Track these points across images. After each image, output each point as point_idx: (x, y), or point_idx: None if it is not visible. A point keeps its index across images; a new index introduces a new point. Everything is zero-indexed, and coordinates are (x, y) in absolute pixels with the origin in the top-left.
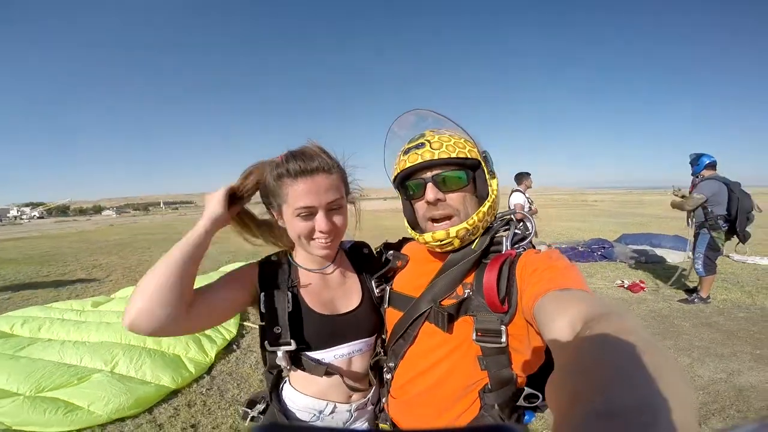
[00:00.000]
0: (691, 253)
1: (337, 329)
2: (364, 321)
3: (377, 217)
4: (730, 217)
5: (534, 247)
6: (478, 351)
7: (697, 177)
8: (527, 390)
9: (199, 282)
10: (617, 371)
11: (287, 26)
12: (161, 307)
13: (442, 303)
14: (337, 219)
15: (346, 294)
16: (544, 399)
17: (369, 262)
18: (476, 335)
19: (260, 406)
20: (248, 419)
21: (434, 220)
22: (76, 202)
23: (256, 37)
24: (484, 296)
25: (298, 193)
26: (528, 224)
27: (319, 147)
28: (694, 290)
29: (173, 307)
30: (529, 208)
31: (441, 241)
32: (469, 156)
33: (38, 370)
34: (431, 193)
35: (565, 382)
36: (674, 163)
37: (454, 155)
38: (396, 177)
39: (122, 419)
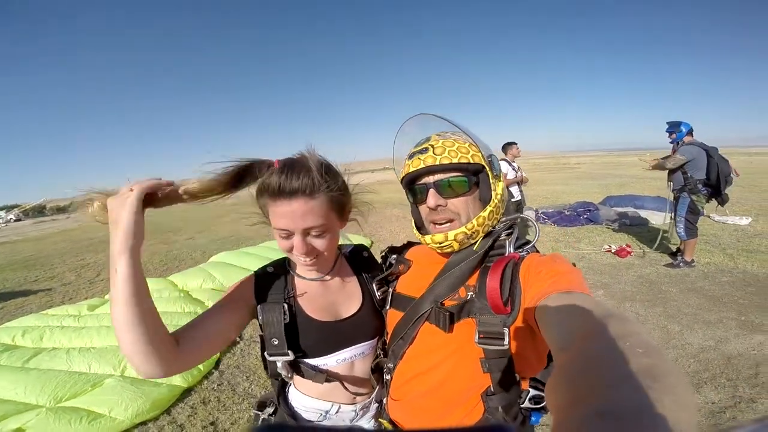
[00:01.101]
0: (671, 215)
1: (338, 334)
2: (366, 324)
3: (367, 191)
4: (709, 182)
5: (538, 251)
6: (480, 353)
7: (677, 144)
8: (532, 392)
9: (194, 274)
10: (617, 373)
11: (274, 19)
12: (146, 353)
13: (443, 304)
14: (318, 242)
15: (346, 298)
16: None
17: (368, 265)
18: (479, 338)
19: (269, 409)
20: (259, 422)
21: (436, 223)
22: (52, 201)
23: (237, 28)
24: (487, 298)
25: (275, 214)
26: (532, 231)
27: (316, 161)
28: (678, 252)
29: (153, 350)
30: (515, 176)
31: (440, 243)
32: (471, 161)
33: (51, 380)
34: (432, 199)
35: (565, 383)
36: (648, 125)
37: (455, 160)
38: (402, 180)
39: (144, 423)
